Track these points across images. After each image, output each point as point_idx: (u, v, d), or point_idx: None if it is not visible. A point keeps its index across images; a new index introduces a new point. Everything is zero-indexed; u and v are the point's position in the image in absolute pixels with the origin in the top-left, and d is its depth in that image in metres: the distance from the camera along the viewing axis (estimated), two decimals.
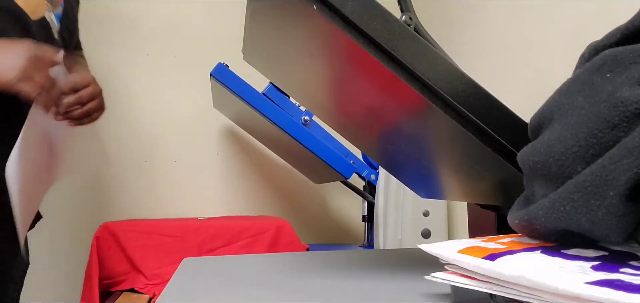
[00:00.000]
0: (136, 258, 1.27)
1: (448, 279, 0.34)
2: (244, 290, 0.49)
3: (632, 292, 0.22)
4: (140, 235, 1.30)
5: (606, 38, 0.34)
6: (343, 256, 0.74)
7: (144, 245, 1.28)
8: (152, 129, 1.56)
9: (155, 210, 1.53)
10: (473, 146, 0.47)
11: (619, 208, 0.27)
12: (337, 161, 1.28)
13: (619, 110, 0.28)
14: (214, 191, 1.60)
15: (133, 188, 1.53)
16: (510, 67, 1.05)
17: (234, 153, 1.63)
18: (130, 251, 1.28)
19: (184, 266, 0.66)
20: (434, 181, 0.74)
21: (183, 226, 1.35)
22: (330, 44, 0.48)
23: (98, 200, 1.51)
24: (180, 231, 1.32)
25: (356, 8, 0.43)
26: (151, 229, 1.32)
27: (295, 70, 0.64)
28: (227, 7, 1.61)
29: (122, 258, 1.28)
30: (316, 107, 0.78)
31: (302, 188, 1.67)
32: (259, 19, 0.53)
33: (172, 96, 1.58)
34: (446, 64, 0.46)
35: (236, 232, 1.34)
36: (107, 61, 1.53)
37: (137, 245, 1.29)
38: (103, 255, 1.27)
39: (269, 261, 0.69)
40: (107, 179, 1.52)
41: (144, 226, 1.34)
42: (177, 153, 1.57)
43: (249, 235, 1.33)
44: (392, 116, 0.59)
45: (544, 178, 0.33)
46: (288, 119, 1.26)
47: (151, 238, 1.30)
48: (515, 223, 0.35)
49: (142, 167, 1.55)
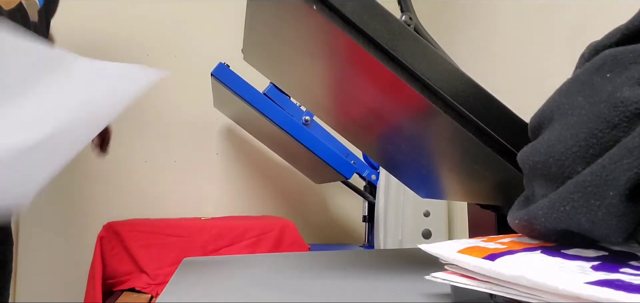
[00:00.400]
0: (140, 257, 1.27)
1: (448, 279, 0.34)
2: (244, 290, 0.49)
3: (632, 292, 0.22)
4: (145, 235, 1.29)
5: (606, 38, 0.34)
6: (343, 256, 0.74)
7: (148, 245, 1.28)
8: (152, 129, 1.56)
9: (155, 210, 1.53)
10: (473, 146, 0.47)
11: (619, 208, 0.27)
12: (337, 161, 1.28)
13: (619, 110, 0.28)
14: (214, 191, 1.60)
15: (133, 187, 1.53)
16: (510, 67, 1.05)
17: (234, 153, 1.63)
18: (134, 251, 1.27)
19: (184, 266, 0.66)
20: (434, 181, 0.74)
21: (187, 226, 1.35)
22: (330, 44, 0.48)
23: (97, 200, 1.51)
24: (184, 231, 1.32)
25: (356, 8, 0.43)
26: (155, 229, 1.32)
27: (295, 70, 0.64)
28: (227, 7, 1.61)
29: (125, 258, 1.27)
30: (316, 108, 0.78)
31: (303, 188, 1.67)
32: (259, 19, 0.53)
33: (172, 96, 1.58)
34: (446, 64, 0.46)
35: (240, 232, 1.33)
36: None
37: (141, 244, 1.28)
38: (107, 255, 1.27)
39: (269, 261, 0.69)
40: (107, 179, 1.52)
41: (148, 226, 1.33)
42: (177, 152, 1.57)
43: (253, 235, 1.33)
44: (392, 116, 0.59)
45: (544, 178, 0.33)
46: (289, 119, 1.26)
47: (155, 237, 1.29)
48: (515, 223, 0.35)
49: (142, 167, 1.55)
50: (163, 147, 1.56)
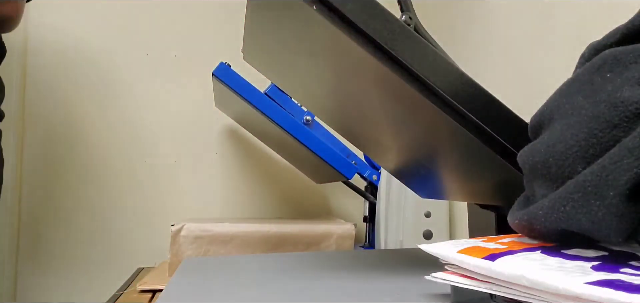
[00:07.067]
0: None
1: (448, 279, 0.34)
2: (244, 290, 0.49)
3: (632, 292, 0.22)
4: None
5: (606, 38, 0.34)
6: (344, 256, 0.74)
7: None
8: (152, 129, 1.56)
9: (154, 210, 1.53)
10: (473, 146, 0.47)
11: (619, 208, 0.27)
12: (338, 161, 1.28)
13: (619, 110, 0.28)
14: (214, 191, 1.60)
15: (133, 187, 1.53)
16: (510, 67, 1.05)
17: (234, 153, 1.63)
18: None
19: (184, 266, 0.66)
20: (433, 182, 0.74)
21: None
22: (330, 44, 0.48)
23: (97, 200, 1.51)
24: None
25: (356, 8, 0.43)
26: None
27: (295, 70, 0.64)
28: (227, 7, 1.61)
29: None
30: (316, 108, 0.78)
31: (304, 188, 1.67)
32: (259, 19, 0.53)
33: (172, 96, 1.58)
34: (446, 64, 0.46)
35: None
36: (107, 61, 1.54)
37: None
38: None
39: (269, 261, 0.69)
40: (106, 178, 1.52)
41: None
42: (176, 152, 1.57)
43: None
44: (392, 116, 0.58)
45: (544, 178, 0.33)
46: (289, 119, 1.26)
47: None
48: (515, 223, 0.35)
49: (142, 167, 1.55)
50: (163, 147, 1.56)
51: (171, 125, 1.57)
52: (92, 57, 1.53)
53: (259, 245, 1.12)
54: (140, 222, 1.52)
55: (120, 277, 1.39)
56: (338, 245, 1.17)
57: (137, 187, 1.53)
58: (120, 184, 1.52)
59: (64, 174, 1.49)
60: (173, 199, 1.56)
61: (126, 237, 1.50)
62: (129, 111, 1.54)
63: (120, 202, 1.52)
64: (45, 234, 1.46)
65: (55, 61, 1.50)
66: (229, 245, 1.11)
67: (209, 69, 1.25)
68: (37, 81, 1.48)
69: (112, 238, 1.49)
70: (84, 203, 1.50)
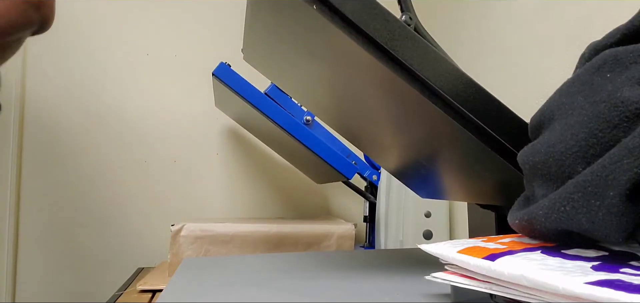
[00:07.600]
0: None
1: (448, 279, 0.34)
2: (244, 290, 0.49)
3: (632, 292, 0.22)
4: None
5: (606, 38, 0.34)
6: (344, 256, 0.74)
7: None
8: (152, 129, 1.56)
9: (154, 210, 1.53)
10: (473, 146, 0.47)
11: (619, 208, 0.27)
12: (338, 161, 1.28)
13: (619, 110, 0.28)
14: (214, 191, 1.60)
15: (133, 187, 1.53)
16: (510, 67, 1.05)
17: (234, 153, 1.63)
18: None
19: (184, 266, 0.66)
20: (433, 182, 0.74)
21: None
22: (330, 44, 0.48)
23: (97, 200, 1.51)
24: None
25: (356, 8, 0.43)
26: None
27: (295, 70, 0.64)
28: (227, 7, 1.61)
29: None
30: (316, 108, 0.78)
31: (304, 188, 1.67)
32: (259, 19, 0.53)
33: (172, 96, 1.58)
34: (446, 64, 0.46)
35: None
36: (107, 61, 1.54)
37: None
38: None
39: (269, 261, 0.69)
40: (106, 178, 1.52)
41: None
42: (176, 152, 1.57)
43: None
44: (392, 116, 0.58)
45: (544, 178, 0.33)
46: (290, 119, 1.26)
47: None
48: (515, 223, 0.35)
49: (142, 167, 1.55)
50: (163, 147, 1.56)
51: (171, 125, 1.57)
52: (92, 57, 1.53)
53: (259, 245, 1.12)
54: (140, 222, 1.52)
55: (120, 277, 1.39)
56: (338, 245, 1.17)
57: (137, 187, 1.53)
58: (120, 185, 1.52)
59: (64, 174, 1.49)
60: (173, 199, 1.56)
61: (126, 237, 1.50)
62: (129, 111, 1.54)
63: (120, 202, 1.52)
64: (45, 234, 1.46)
65: (55, 61, 1.50)
66: (229, 245, 1.11)
67: (209, 69, 1.25)
68: (37, 80, 1.48)
69: (112, 238, 1.49)
70: (83, 203, 1.50)
